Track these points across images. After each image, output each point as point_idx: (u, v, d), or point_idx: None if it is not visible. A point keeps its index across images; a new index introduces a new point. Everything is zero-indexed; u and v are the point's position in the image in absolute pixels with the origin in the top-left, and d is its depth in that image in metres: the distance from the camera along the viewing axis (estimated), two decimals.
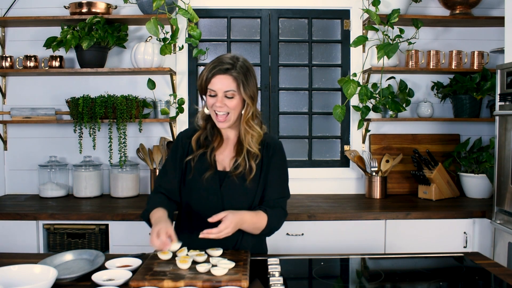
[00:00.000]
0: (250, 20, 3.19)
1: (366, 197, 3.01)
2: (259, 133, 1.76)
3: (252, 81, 1.71)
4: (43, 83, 3.10)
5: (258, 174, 1.77)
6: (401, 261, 1.79)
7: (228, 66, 1.66)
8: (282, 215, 1.80)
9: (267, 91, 3.18)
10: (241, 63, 1.69)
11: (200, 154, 1.77)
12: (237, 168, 1.74)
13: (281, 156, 1.83)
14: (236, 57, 1.72)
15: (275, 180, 1.79)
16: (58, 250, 2.51)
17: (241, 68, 1.68)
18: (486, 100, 3.15)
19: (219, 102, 1.68)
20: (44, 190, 2.98)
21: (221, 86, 1.67)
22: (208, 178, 1.74)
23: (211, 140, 1.80)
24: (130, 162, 3.03)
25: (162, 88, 3.10)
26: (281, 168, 1.82)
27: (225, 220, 1.58)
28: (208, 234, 1.56)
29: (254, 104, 1.73)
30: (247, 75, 1.68)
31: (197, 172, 1.76)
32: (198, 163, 1.77)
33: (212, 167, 1.75)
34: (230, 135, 1.81)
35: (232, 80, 1.67)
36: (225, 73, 1.66)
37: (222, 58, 1.70)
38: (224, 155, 1.80)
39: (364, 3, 2.99)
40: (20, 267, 1.40)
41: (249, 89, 1.68)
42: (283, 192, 1.82)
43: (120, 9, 3.07)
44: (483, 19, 3.03)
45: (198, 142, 1.80)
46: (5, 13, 3.04)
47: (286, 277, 1.48)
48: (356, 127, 3.13)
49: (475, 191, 2.96)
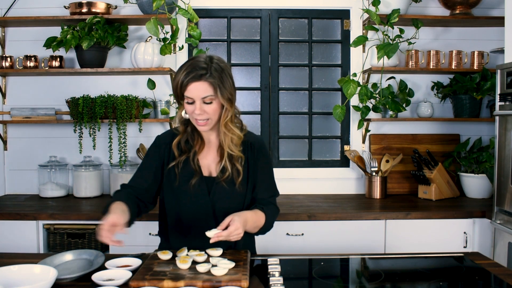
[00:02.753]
0: (250, 20, 3.19)
1: (366, 197, 3.01)
2: (239, 135, 1.70)
3: (228, 83, 1.63)
4: (43, 83, 3.10)
5: (246, 175, 1.75)
6: (401, 261, 1.78)
7: (203, 71, 1.59)
8: (276, 212, 1.83)
9: (267, 91, 3.18)
10: (215, 65, 1.62)
11: (183, 160, 1.72)
12: (224, 172, 1.72)
13: (266, 155, 1.82)
14: (210, 58, 1.64)
15: (265, 179, 1.80)
16: (58, 250, 2.51)
17: (216, 71, 1.60)
18: (486, 100, 3.15)
19: (198, 110, 1.61)
20: (44, 190, 2.98)
21: (198, 93, 1.60)
22: (195, 185, 1.70)
23: (192, 144, 1.74)
24: (130, 162, 3.03)
25: (162, 88, 3.10)
26: (267, 167, 1.82)
27: (234, 223, 1.57)
28: (218, 237, 1.54)
29: (233, 106, 1.67)
30: (223, 78, 1.61)
31: (183, 179, 1.71)
32: (183, 169, 1.72)
33: (197, 173, 1.71)
34: (211, 138, 1.76)
35: (208, 86, 1.59)
36: (200, 80, 1.58)
37: (195, 62, 1.61)
38: (209, 160, 1.76)
39: (364, 3, 2.99)
40: (20, 267, 1.40)
41: (226, 92, 1.62)
42: (273, 190, 1.84)
43: (120, 9, 3.07)
44: (483, 19, 3.03)
45: (179, 147, 1.74)
46: (5, 13, 3.04)
47: (286, 277, 1.47)
48: (356, 127, 3.13)
49: (475, 191, 2.96)
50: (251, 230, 1.72)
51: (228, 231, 1.55)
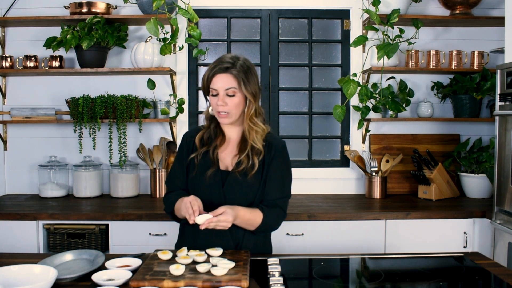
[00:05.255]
0: (250, 20, 3.19)
1: (366, 197, 3.01)
2: (263, 129, 1.80)
3: (253, 79, 1.74)
4: (43, 83, 3.10)
5: (260, 171, 1.78)
6: (401, 261, 1.78)
7: (228, 65, 1.71)
8: (280, 215, 1.81)
9: (267, 91, 3.18)
10: (241, 62, 1.74)
11: (203, 152, 1.81)
12: (239, 165, 1.77)
13: (283, 156, 1.83)
14: (237, 56, 1.76)
15: (275, 179, 1.80)
16: (58, 250, 2.51)
17: (241, 67, 1.72)
18: (486, 100, 3.15)
19: (221, 101, 1.72)
20: (44, 190, 2.98)
21: (222, 85, 1.71)
22: (211, 176, 1.77)
23: (214, 138, 1.84)
24: (130, 162, 3.03)
25: (162, 88, 3.10)
26: (282, 167, 1.82)
27: (225, 214, 1.63)
28: (209, 224, 1.60)
29: (257, 102, 1.77)
30: (247, 73, 1.72)
31: (200, 170, 1.79)
32: (202, 160, 1.81)
33: (214, 165, 1.79)
34: (232, 134, 1.85)
35: (232, 78, 1.71)
36: (225, 72, 1.71)
37: (222, 58, 1.76)
38: (226, 154, 1.82)
39: (364, 3, 2.99)
40: (20, 267, 1.40)
41: (250, 86, 1.72)
42: (283, 192, 1.83)
43: (120, 9, 3.07)
44: (483, 19, 3.03)
45: (202, 141, 1.84)
46: (5, 13, 3.04)
47: (286, 277, 1.47)
48: (356, 127, 3.13)
49: (475, 191, 2.96)
50: (244, 226, 1.75)
51: (217, 218, 1.61)
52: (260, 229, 1.76)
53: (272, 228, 1.83)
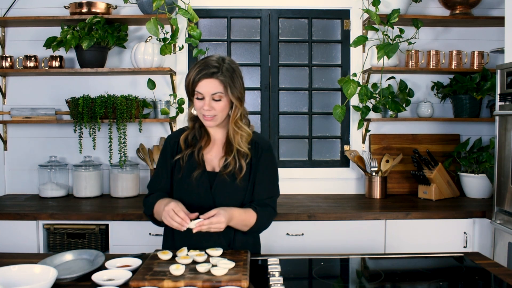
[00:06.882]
0: (250, 20, 3.19)
1: (366, 197, 3.01)
2: (248, 132, 1.78)
3: (238, 82, 1.72)
4: (43, 83, 3.10)
5: (248, 172, 1.79)
6: (401, 261, 1.79)
7: (214, 69, 1.67)
8: (272, 214, 1.83)
9: (267, 91, 3.18)
10: (227, 65, 1.70)
11: (188, 154, 1.80)
12: (226, 167, 1.76)
13: (270, 155, 1.84)
14: (222, 58, 1.73)
15: (264, 179, 1.81)
16: (58, 250, 2.51)
17: (227, 71, 1.69)
18: (486, 100, 3.15)
19: (207, 105, 1.69)
20: (44, 190, 2.98)
21: (208, 90, 1.68)
22: (197, 177, 1.76)
23: (199, 139, 1.82)
24: (130, 162, 3.03)
25: (162, 88, 3.10)
26: (269, 167, 1.83)
27: (218, 216, 1.62)
28: (200, 227, 1.59)
29: (242, 105, 1.75)
30: (233, 77, 1.70)
31: (186, 171, 1.78)
32: (187, 162, 1.79)
33: (200, 166, 1.78)
34: (217, 135, 1.84)
35: (218, 83, 1.68)
36: (211, 77, 1.67)
37: (208, 62, 1.70)
38: (212, 155, 1.82)
39: (364, 3, 2.99)
40: (20, 267, 1.40)
41: (236, 91, 1.70)
42: (272, 191, 1.84)
43: (120, 9, 3.07)
44: (483, 19, 3.03)
45: (186, 142, 1.83)
46: (5, 13, 3.04)
47: (286, 277, 1.47)
48: (356, 127, 3.13)
49: (475, 191, 2.96)
50: (239, 227, 1.75)
51: (209, 221, 1.60)
52: (253, 229, 1.77)
53: (264, 228, 1.83)
